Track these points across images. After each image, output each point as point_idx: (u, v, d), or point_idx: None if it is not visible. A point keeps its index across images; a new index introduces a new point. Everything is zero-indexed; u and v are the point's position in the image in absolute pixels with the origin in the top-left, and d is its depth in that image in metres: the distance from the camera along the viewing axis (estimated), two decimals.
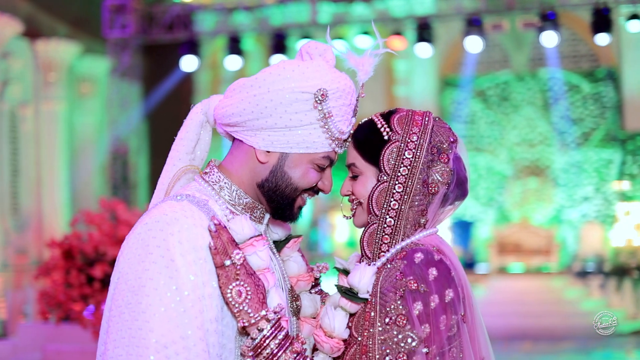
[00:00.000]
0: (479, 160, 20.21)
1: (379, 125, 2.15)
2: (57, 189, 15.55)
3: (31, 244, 14.64)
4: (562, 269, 19.04)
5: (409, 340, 1.92)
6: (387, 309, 1.97)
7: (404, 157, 2.09)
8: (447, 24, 16.42)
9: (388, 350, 1.93)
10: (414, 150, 2.10)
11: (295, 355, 1.90)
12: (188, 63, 14.63)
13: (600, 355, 10.69)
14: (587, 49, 19.39)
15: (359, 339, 2.03)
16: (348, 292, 2.06)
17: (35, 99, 15.26)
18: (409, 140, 2.11)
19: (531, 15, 15.08)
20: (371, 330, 1.98)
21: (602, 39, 13.59)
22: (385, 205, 2.09)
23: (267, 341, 1.89)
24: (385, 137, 2.13)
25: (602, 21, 13.23)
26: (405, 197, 2.09)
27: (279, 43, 14.24)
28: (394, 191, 2.09)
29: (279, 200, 2.09)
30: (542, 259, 19.49)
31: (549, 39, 13.63)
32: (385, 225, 2.09)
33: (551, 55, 18.63)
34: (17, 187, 14.86)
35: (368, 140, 2.14)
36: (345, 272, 2.14)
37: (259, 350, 1.89)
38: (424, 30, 14.07)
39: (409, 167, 2.09)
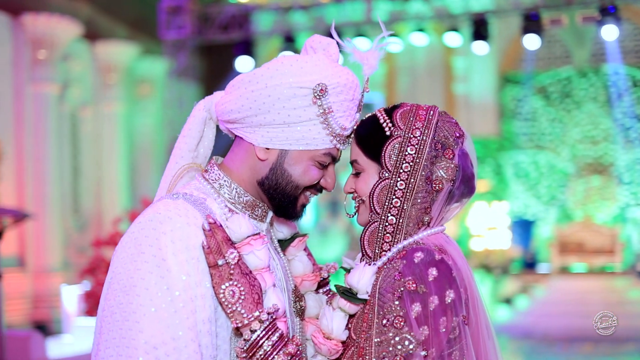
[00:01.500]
0: (540, 158, 19.88)
1: (382, 121, 2.08)
2: (117, 189, 15.75)
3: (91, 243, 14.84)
4: (626, 269, 18.56)
5: (406, 342, 1.85)
6: (385, 310, 1.90)
7: (406, 153, 2.03)
8: (505, 20, 16.15)
9: (384, 353, 1.86)
10: (416, 146, 2.03)
11: (289, 357, 1.85)
12: (243, 63, 14.64)
13: None
14: None
15: (357, 340, 1.97)
16: (347, 293, 2.00)
17: (95, 101, 15.47)
18: (412, 136, 2.04)
19: (591, 9, 14.75)
20: (369, 332, 1.92)
21: None
22: (387, 203, 2.03)
23: (261, 342, 1.85)
24: (387, 133, 2.06)
25: None
26: (408, 194, 2.02)
27: None
28: (396, 188, 2.02)
29: (280, 199, 2.05)
30: (605, 259, 19.02)
31: (610, 32, 13.27)
32: (387, 224, 2.02)
33: (613, 50, 18.17)
34: (77, 187, 15.10)
35: (370, 136, 2.08)
36: None
37: (253, 351, 1.85)
38: (480, 27, 13.89)
39: (411, 164, 2.02)
